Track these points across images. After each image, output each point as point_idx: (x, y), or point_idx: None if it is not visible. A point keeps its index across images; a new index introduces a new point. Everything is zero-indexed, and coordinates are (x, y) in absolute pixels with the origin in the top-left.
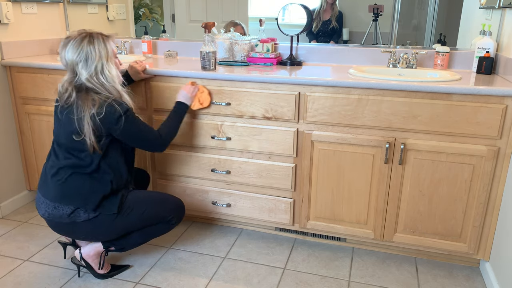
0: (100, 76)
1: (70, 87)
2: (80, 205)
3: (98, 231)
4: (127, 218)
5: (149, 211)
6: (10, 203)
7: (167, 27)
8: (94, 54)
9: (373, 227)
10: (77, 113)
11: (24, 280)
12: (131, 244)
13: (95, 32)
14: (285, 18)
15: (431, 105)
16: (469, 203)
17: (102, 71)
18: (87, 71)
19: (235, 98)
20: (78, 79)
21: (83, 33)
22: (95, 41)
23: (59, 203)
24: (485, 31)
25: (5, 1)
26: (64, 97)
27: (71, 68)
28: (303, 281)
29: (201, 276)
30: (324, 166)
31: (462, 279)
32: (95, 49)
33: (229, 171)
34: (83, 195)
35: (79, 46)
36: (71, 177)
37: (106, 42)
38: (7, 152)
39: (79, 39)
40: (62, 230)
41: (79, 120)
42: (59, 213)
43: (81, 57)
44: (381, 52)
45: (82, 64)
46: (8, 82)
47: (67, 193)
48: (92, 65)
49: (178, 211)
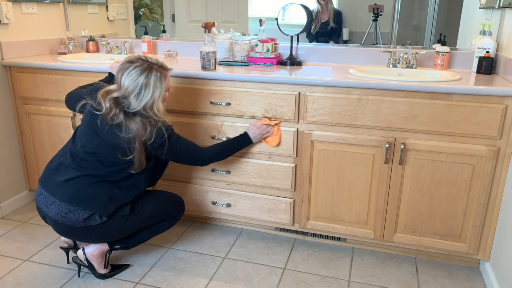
0: (148, 111)
1: (117, 108)
2: (97, 211)
3: (110, 232)
4: (136, 217)
5: (156, 209)
6: (10, 203)
7: (167, 27)
8: (148, 91)
9: (373, 227)
10: (126, 132)
11: (24, 280)
12: (136, 242)
13: (157, 65)
14: (285, 18)
15: (431, 105)
16: (469, 203)
17: (151, 107)
18: (137, 105)
19: (235, 98)
20: (128, 105)
21: (145, 63)
22: (152, 78)
23: (76, 206)
24: (485, 31)
25: (5, 1)
26: (109, 114)
27: (123, 92)
28: (303, 281)
29: (201, 276)
30: (324, 166)
31: (462, 279)
32: (149, 86)
33: (229, 171)
34: (103, 202)
35: (136, 79)
36: (94, 185)
37: (162, 79)
38: (7, 152)
39: (140, 70)
40: (72, 233)
41: (128, 140)
42: (75, 217)
43: (135, 90)
44: (381, 52)
45: (134, 96)
46: (8, 82)
47: (86, 199)
48: (143, 100)
49: (180, 207)
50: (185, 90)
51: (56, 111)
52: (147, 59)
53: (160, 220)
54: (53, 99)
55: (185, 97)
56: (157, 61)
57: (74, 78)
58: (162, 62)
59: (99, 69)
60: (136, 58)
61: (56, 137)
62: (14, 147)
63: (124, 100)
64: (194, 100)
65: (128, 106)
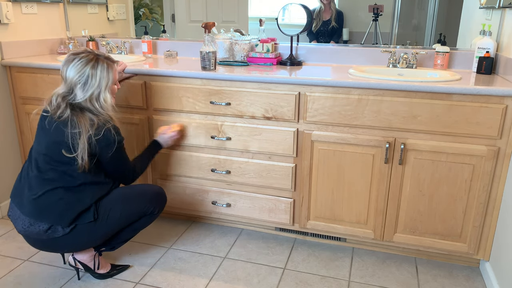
0: (94, 102)
1: (64, 103)
2: (54, 222)
3: (80, 242)
4: (106, 222)
5: (127, 209)
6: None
7: (167, 27)
8: (94, 81)
9: (373, 227)
10: (71, 127)
11: (24, 280)
12: (120, 242)
13: (103, 56)
14: (285, 18)
15: (431, 105)
16: (469, 203)
17: (97, 98)
18: (83, 95)
19: (235, 98)
20: (74, 97)
21: (90, 54)
22: (98, 68)
23: (35, 219)
24: (485, 31)
25: (5, 1)
26: (57, 112)
27: (68, 85)
28: (303, 281)
29: (201, 276)
30: (324, 166)
31: (462, 279)
32: (96, 75)
33: (229, 171)
34: (58, 211)
35: (82, 69)
36: (47, 193)
37: (109, 70)
38: (7, 152)
39: (85, 61)
40: (43, 246)
41: (73, 135)
42: (36, 230)
43: (81, 80)
44: (381, 52)
45: (80, 86)
46: (8, 82)
47: (41, 209)
48: (89, 90)
49: (157, 200)
50: (185, 90)
51: None
52: (93, 51)
53: (135, 218)
54: None
55: (185, 97)
56: (104, 54)
57: None
58: (109, 55)
59: None
60: (82, 50)
61: None
62: (14, 147)
63: (70, 94)
64: (194, 100)
65: (74, 98)
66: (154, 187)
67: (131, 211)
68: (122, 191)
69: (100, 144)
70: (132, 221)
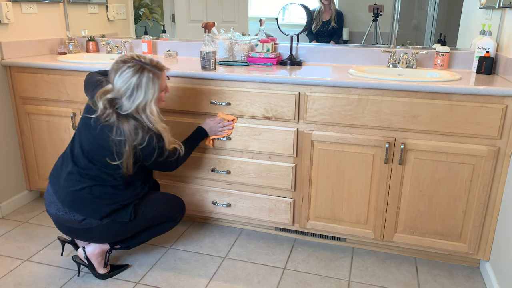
0: (141, 113)
1: (111, 109)
2: (89, 215)
3: (112, 234)
4: (138, 221)
5: (158, 212)
6: (10, 203)
7: (167, 27)
8: (140, 93)
9: (373, 227)
10: (116, 135)
11: (24, 280)
12: (137, 243)
13: (150, 65)
14: (285, 18)
15: (431, 105)
16: (469, 203)
17: (143, 109)
18: (129, 106)
19: (235, 98)
20: (120, 107)
21: (138, 64)
22: (144, 79)
23: (69, 209)
24: (485, 31)
25: (5, 1)
26: (103, 114)
27: (116, 93)
28: (303, 281)
29: (201, 276)
30: (324, 166)
31: (462, 279)
32: (141, 87)
33: (229, 171)
34: (94, 206)
35: (129, 80)
36: (86, 189)
37: (155, 80)
38: (7, 152)
39: (132, 71)
40: (72, 232)
41: (117, 143)
42: (70, 219)
43: (128, 91)
44: (381, 52)
45: (127, 97)
46: (8, 82)
47: (78, 202)
48: (135, 102)
49: (181, 208)
50: (185, 90)
51: (56, 111)
52: (140, 59)
53: (161, 221)
54: (53, 99)
55: (185, 97)
56: (151, 61)
57: (74, 78)
58: (157, 62)
59: (99, 69)
60: (130, 58)
61: (56, 137)
62: (14, 147)
63: (117, 101)
64: (194, 100)
65: (121, 107)
66: (177, 197)
67: (160, 214)
68: (157, 195)
69: (144, 152)
70: (156, 224)
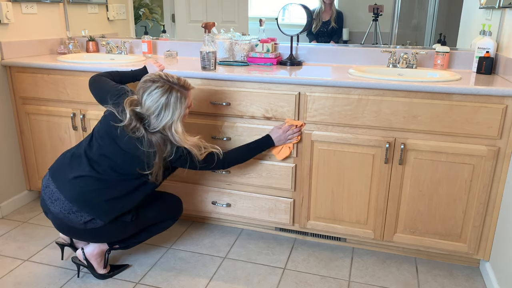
0: (166, 131)
1: (139, 123)
2: (97, 216)
3: (112, 234)
4: (139, 220)
5: (158, 211)
6: (10, 203)
7: (167, 27)
8: (167, 113)
9: (373, 227)
10: (147, 146)
11: (24, 280)
12: (136, 242)
13: (177, 85)
14: (285, 18)
15: (431, 105)
16: (469, 203)
17: (169, 128)
18: (157, 124)
19: (235, 98)
20: (148, 124)
21: (166, 84)
22: (172, 99)
23: (79, 208)
24: (485, 31)
25: (5, 1)
26: (130, 125)
27: (144, 111)
28: (303, 281)
29: (201, 276)
30: (324, 166)
31: (462, 279)
32: (169, 107)
33: (229, 171)
34: (105, 208)
35: (158, 100)
36: (100, 191)
37: (182, 101)
38: (7, 152)
39: (161, 91)
40: (71, 232)
41: (148, 155)
42: (76, 219)
43: (156, 111)
44: (381, 52)
45: (154, 116)
46: (8, 82)
47: (88, 202)
48: (162, 121)
49: (179, 206)
50: None
51: (56, 111)
52: (168, 78)
53: (160, 220)
54: (53, 99)
55: None
56: (179, 80)
57: (74, 78)
58: (185, 81)
59: (99, 69)
60: (158, 77)
61: (56, 137)
62: (14, 147)
63: (145, 117)
64: (194, 100)
65: (148, 125)
66: (174, 195)
67: (160, 213)
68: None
69: (174, 163)
70: (157, 222)
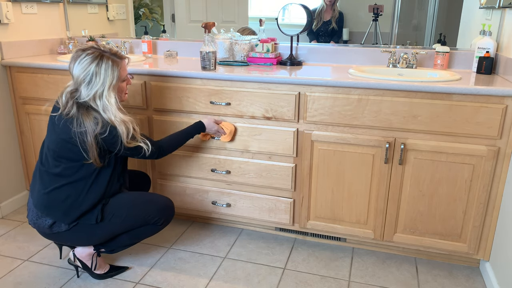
0: (97, 101)
1: (71, 101)
2: (59, 218)
3: (80, 238)
4: (108, 224)
5: (131, 215)
6: (10, 203)
7: (167, 27)
8: (98, 79)
9: (373, 227)
10: (77, 126)
11: (24, 280)
12: (120, 246)
13: (109, 53)
14: (285, 18)
15: (431, 105)
16: (469, 203)
17: (100, 97)
18: (87, 93)
19: (235, 98)
20: (79, 96)
21: (96, 51)
22: (103, 66)
23: (41, 212)
24: (485, 31)
25: (5, 1)
26: (65, 109)
27: (75, 83)
28: (303, 281)
29: (201, 276)
30: (324, 166)
31: (462, 279)
32: (100, 74)
33: (229, 171)
34: (64, 209)
35: (87, 67)
36: (55, 190)
37: (114, 68)
38: (7, 152)
39: (90, 58)
40: (49, 237)
41: (80, 135)
42: (42, 224)
43: (86, 78)
44: (381, 52)
45: (85, 85)
46: (8, 82)
47: (48, 205)
48: (93, 89)
49: (164, 212)
50: (185, 90)
51: None
52: (99, 47)
53: (138, 225)
54: (53, 99)
55: (185, 97)
56: (111, 50)
57: None
58: (117, 51)
59: None
60: (89, 47)
61: None
62: (14, 147)
63: (77, 92)
64: (194, 100)
65: (79, 96)
66: (164, 198)
67: (135, 218)
68: (131, 196)
69: (107, 142)
70: (134, 227)
